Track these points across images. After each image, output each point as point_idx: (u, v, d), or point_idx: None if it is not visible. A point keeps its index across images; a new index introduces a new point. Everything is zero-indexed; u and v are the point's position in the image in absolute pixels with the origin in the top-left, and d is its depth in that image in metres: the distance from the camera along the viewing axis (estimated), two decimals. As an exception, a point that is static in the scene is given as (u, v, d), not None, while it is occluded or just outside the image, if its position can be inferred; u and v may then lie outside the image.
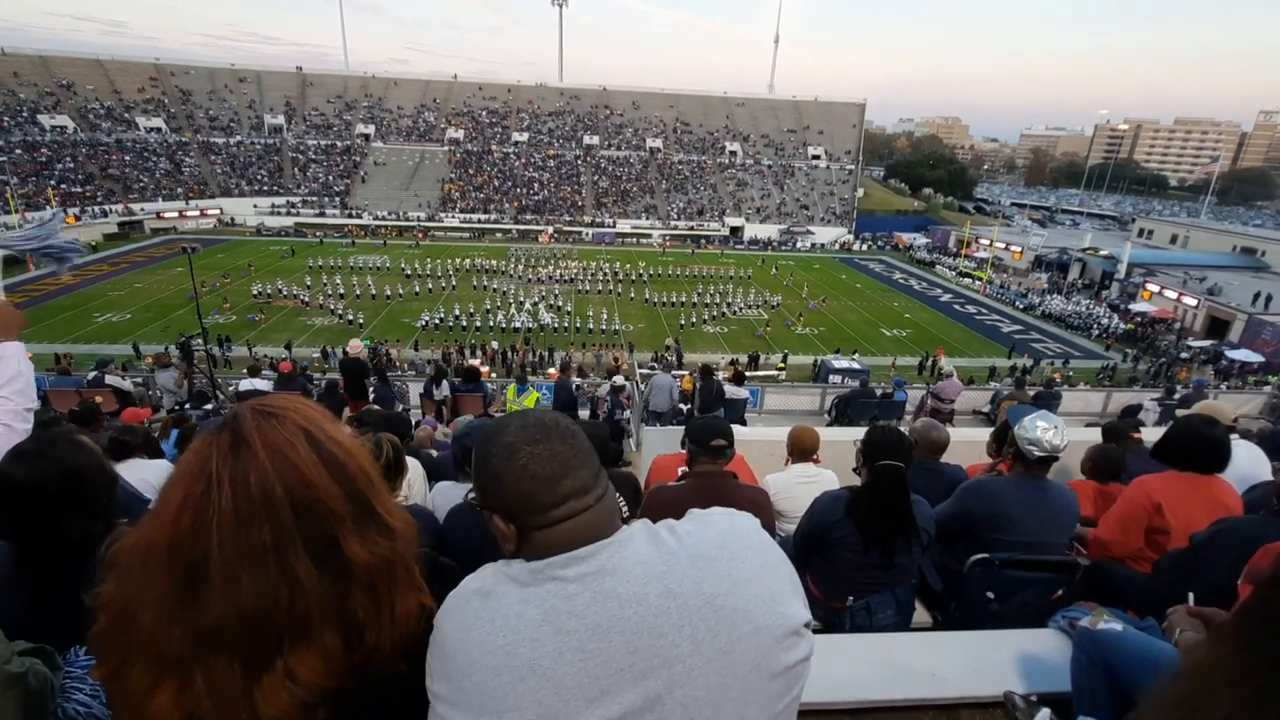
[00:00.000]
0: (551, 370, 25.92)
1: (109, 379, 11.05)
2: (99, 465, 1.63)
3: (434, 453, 5.78)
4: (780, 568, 1.00)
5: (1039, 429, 2.76)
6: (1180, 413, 4.63)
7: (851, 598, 2.70)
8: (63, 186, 52.75)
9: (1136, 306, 41.03)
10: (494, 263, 48.13)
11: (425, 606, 0.98)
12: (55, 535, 1.54)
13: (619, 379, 10.92)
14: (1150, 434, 4.70)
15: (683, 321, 37.85)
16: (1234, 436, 3.45)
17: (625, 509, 3.22)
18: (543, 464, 0.97)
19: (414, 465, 3.76)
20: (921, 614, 3.08)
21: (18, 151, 53.90)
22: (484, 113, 75.96)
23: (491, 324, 34.99)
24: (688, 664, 0.89)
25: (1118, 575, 2.90)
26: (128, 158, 59.64)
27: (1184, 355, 33.75)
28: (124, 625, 0.85)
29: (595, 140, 74.00)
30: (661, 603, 0.91)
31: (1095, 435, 5.05)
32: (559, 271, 46.92)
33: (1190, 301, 39.34)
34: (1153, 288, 42.37)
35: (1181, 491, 2.85)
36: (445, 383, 10.00)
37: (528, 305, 38.75)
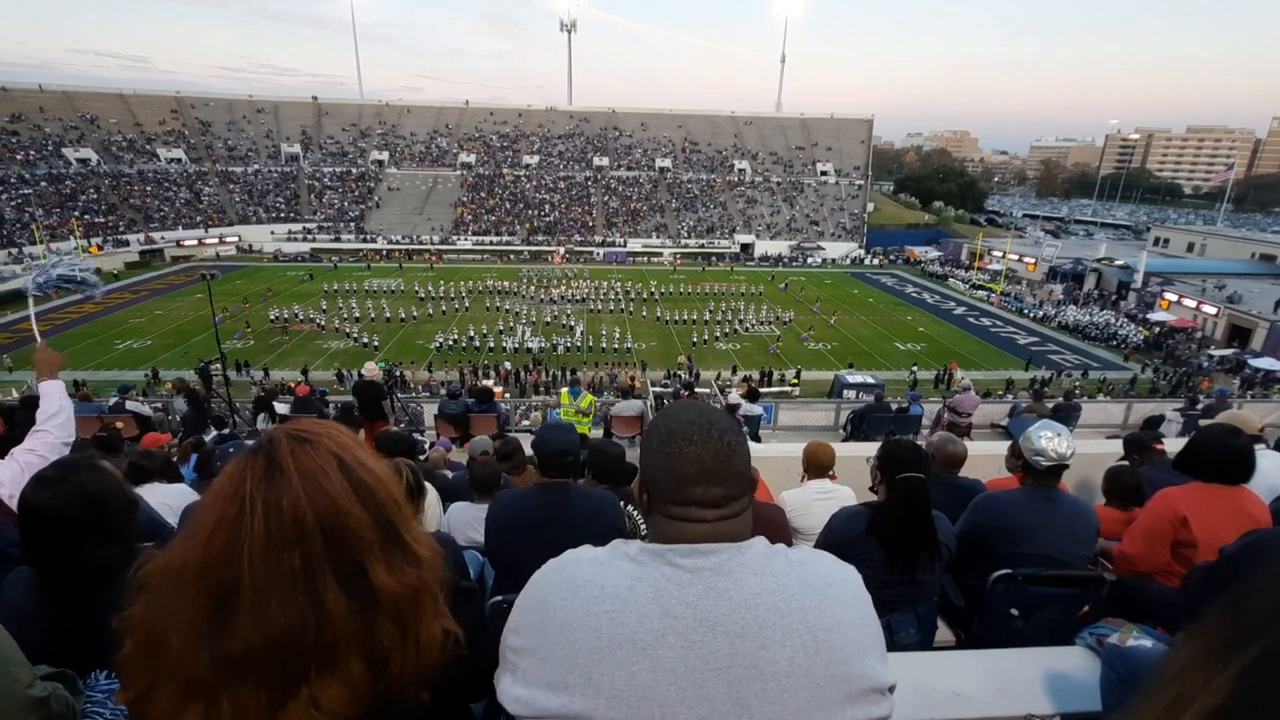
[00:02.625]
0: (564, 390, 25.92)
1: (129, 405, 11.22)
2: (120, 491, 1.65)
3: (448, 474, 5.78)
4: (875, 625, 1.03)
5: (1043, 439, 2.72)
6: (1203, 423, 4.54)
7: (872, 616, 2.65)
8: (86, 217, 54.03)
9: (1155, 316, 40.49)
10: (506, 284, 48.52)
11: (450, 633, 0.98)
12: (76, 560, 1.55)
13: (733, 396, 10.81)
14: (1174, 445, 4.61)
15: (695, 339, 37.90)
16: (1260, 446, 3.38)
17: (643, 527, 3.21)
18: (684, 464, 1.00)
19: (429, 490, 3.75)
20: (944, 632, 3.02)
21: (43, 184, 55.36)
22: (495, 137, 77.08)
23: (505, 345, 35.19)
24: (783, 684, 0.91)
25: (1145, 590, 2.83)
26: (149, 188, 61.04)
27: (1205, 364, 33.20)
28: (152, 648, 0.86)
29: (605, 161, 74.76)
30: (769, 617, 0.93)
31: (1117, 447, 4.96)
32: (571, 291, 47.19)
33: (1210, 310, 38.77)
34: (1171, 297, 41.83)
35: (1207, 503, 2.79)
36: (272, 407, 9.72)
37: (539, 325, 38.96)
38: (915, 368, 32.09)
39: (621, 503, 3.02)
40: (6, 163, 55.31)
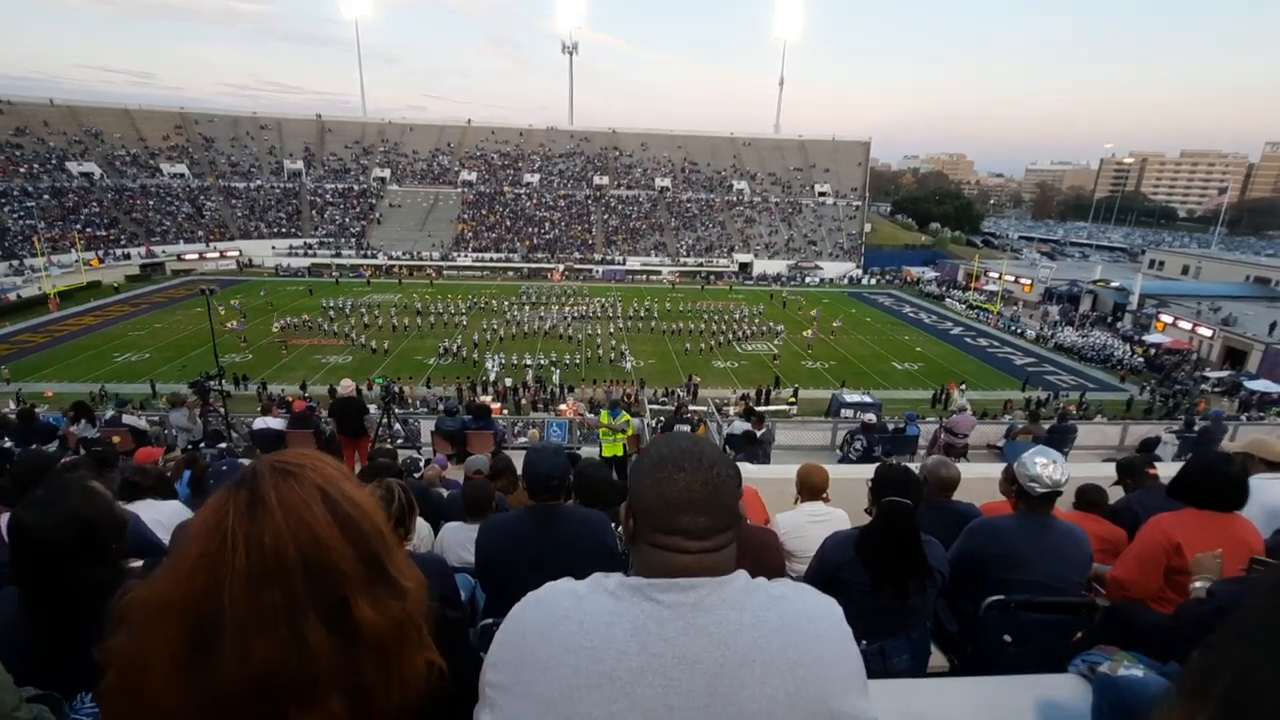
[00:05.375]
0: (563, 407, 25.93)
1: (126, 418, 11.17)
2: (110, 513, 1.64)
3: (443, 492, 5.75)
4: (856, 661, 1.01)
5: (1038, 465, 2.72)
6: (1235, 446, 4.51)
7: (864, 641, 2.64)
8: (88, 230, 54.23)
9: (1150, 338, 40.66)
10: (505, 301, 48.67)
11: (434, 665, 0.97)
12: (63, 582, 1.55)
13: (869, 416, 10.86)
14: (1168, 469, 4.60)
15: (688, 347, 38.66)
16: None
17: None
18: (672, 491, 0.99)
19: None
20: (937, 658, 3.00)
21: (46, 197, 55.61)
22: (496, 155, 77.72)
23: (502, 361, 35.26)
24: None
25: (1138, 617, 2.82)
26: (151, 202, 61.34)
27: (1202, 386, 33.28)
28: (132, 681, 0.84)
29: (605, 180, 75.34)
30: (749, 654, 0.91)
31: (1111, 470, 4.96)
32: (570, 309, 47.30)
33: (1205, 332, 38.95)
34: (1166, 319, 42.06)
35: (1201, 530, 2.79)
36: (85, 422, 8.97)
37: (538, 343, 39.12)
38: (946, 393, 31.93)
39: (613, 524, 3.01)
40: (10, 175, 55.62)
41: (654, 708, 0.88)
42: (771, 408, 27.68)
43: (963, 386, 32.56)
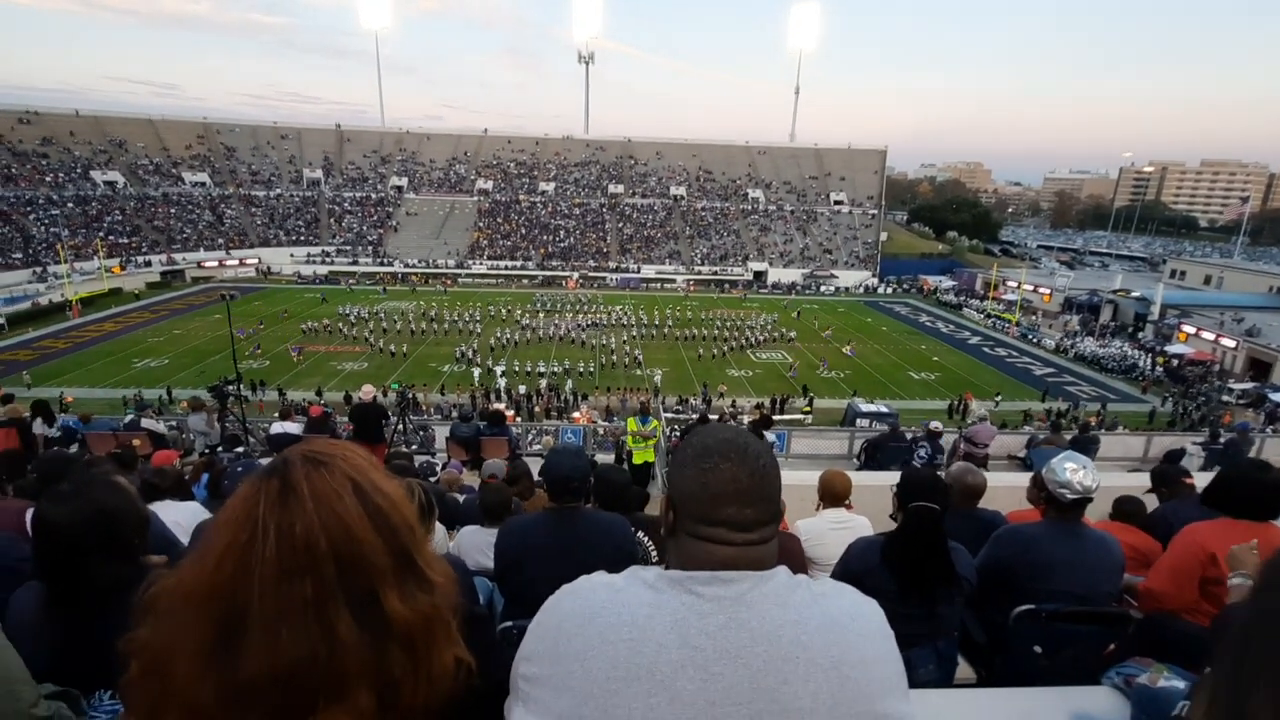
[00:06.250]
0: (576, 415, 25.96)
1: (144, 422, 11.33)
2: (133, 508, 1.64)
3: (459, 497, 5.75)
4: (899, 663, 0.99)
5: (1068, 471, 2.66)
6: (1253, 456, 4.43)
7: (889, 650, 2.58)
8: (110, 238, 55.21)
9: (1172, 349, 40.05)
10: (518, 309, 48.92)
11: (462, 662, 0.95)
12: (85, 577, 1.54)
13: (935, 424, 10.84)
14: (1196, 481, 4.50)
15: (700, 353, 38.82)
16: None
17: (654, 553, 3.16)
18: (718, 480, 0.98)
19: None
20: (964, 669, 2.93)
21: (70, 205, 56.75)
22: (513, 164, 78.35)
23: (516, 368, 35.41)
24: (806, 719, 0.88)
25: (1173, 628, 2.74)
26: (173, 210, 62.43)
27: (1226, 398, 32.69)
28: (157, 673, 0.83)
29: (620, 189, 75.66)
30: (792, 650, 0.90)
31: (1140, 480, 4.86)
32: (584, 317, 47.44)
33: (1229, 343, 38.30)
34: (1189, 329, 41.40)
35: (1236, 540, 2.69)
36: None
37: (552, 351, 39.27)
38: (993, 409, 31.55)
39: (632, 528, 2.98)
40: (36, 184, 56.86)
41: (695, 702, 0.86)
42: (787, 417, 27.55)
43: (998, 397, 32.13)
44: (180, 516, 3.76)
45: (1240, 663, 0.61)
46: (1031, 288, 54.93)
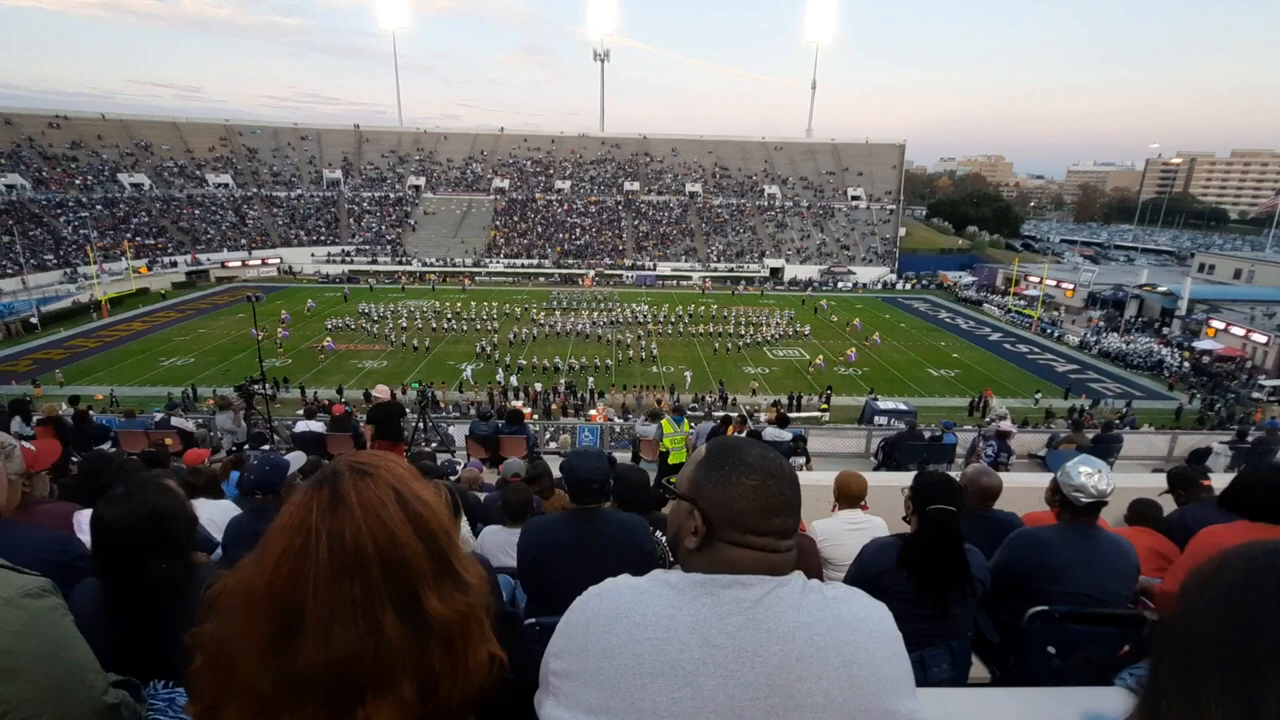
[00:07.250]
0: (593, 412, 26.07)
1: (174, 421, 11.60)
2: (182, 509, 1.74)
3: (480, 496, 5.85)
4: (906, 663, 1.06)
5: (1082, 474, 2.67)
6: None
7: (904, 650, 2.62)
8: (137, 239, 56.38)
9: (1200, 344, 39.22)
10: (533, 307, 49.16)
11: (495, 657, 1.02)
12: (140, 574, 1.64)
13: (1006, 423, 10.63)
14: (1220, 481, 4.46)
15: (716, 347, 39.01)
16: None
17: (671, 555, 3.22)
18: (769, 496, 1.05)
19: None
20: (978, 669, 2.96)
21: (99, 207, 58.01)
22: (529, 163, 78.63)
23: (534, 366, 35.61)
24: (819, 716, 0.94)
25: (1189, 631, 2.75)
26: (197, 211, 63.54)
27: (1256, 395, 31.98)
28: (220, 665, 0.91)
29: (635, 186, 75.61)
30: (805, 650, 0.96)
31: (1160, 481, 4.83)
32: (600, 315, 47.56)
33: (1260, 339, 37.43)
34: (1218, 324, 40.52)
35: (1255, 543, 2.71)
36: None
37: (569, 348, 39.43)
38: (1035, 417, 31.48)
39: (651, 528, 3.05)
40: (66, 187, 58.15)
41: (716, 697, 0.92)
42: (803, 414, 27.44)
43: (1038, 395, 31.77)
44: (213, 514, 3.91)
45: (1188, 668, 0.62)
46: (1054, 283, 54.07)
